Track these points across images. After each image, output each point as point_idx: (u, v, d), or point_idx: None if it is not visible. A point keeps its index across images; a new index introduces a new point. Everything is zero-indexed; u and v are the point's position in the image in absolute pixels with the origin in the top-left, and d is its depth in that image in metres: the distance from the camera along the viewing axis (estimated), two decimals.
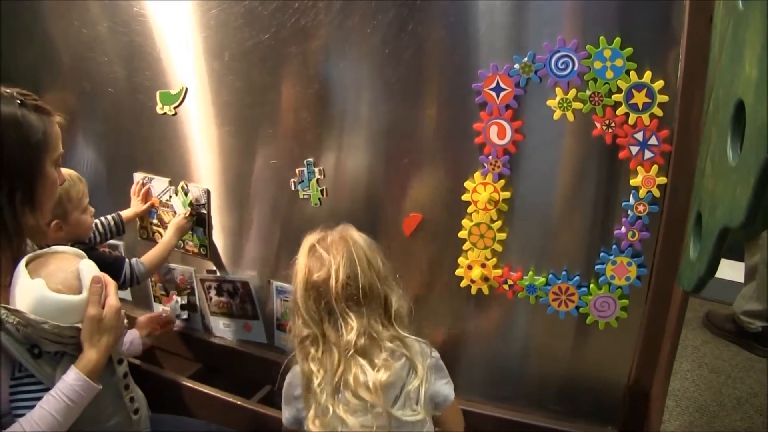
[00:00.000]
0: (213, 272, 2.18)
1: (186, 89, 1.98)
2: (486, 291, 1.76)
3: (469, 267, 1.75)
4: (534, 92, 1.55)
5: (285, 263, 2.03)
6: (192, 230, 2.13)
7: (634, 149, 1.50)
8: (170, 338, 2.25)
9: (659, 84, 1.43)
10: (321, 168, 1.86)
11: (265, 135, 1.92)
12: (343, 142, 1.82)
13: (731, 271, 2.81)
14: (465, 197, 1.69)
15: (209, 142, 2.01)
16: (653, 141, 1.48)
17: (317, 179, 1.87)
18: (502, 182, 1.65)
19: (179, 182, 2.11)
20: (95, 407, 1.31)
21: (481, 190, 1.66)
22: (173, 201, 2.14)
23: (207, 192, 2.07)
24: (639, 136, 1.48)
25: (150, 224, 2.22)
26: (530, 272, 1.71)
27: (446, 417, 1.47)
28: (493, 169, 1.64)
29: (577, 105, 1.51)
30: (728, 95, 0.85)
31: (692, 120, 1.39)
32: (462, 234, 1.73)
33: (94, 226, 1.91)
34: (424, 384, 1.34)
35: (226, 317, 2.25)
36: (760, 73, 0.71)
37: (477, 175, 1.66)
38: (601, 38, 1.44)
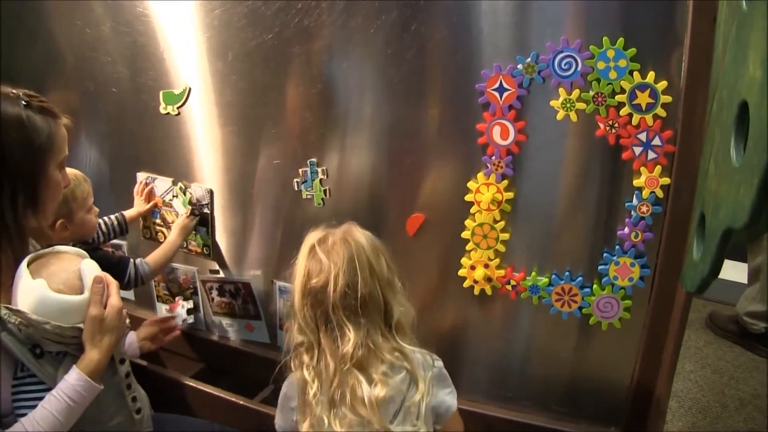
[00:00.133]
0: (216, 272, 2.19)
1: (189, 89, 1.98)
2: (489, 291, 1.76)
3: (472, 267, 1.75)
4: (537, 93, 1.55)
5: (288, 263, 2.03)
6: (195, 230, 2.13)
7: (638, 150, 1.50)
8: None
9: (662, 84, 1.43)
10: (324, 168, 1.86)
11: (269, 135, 1.92)
12: (347, 142, 1.82)
13: (734, 272, 2.81)
14: (468, 197, 1.69)
15: (212, 142, 2.01)
16: (656, 141, 1.47)
17: (320, 179, 1.87)
18: (505, 183, 1.64)
19: (184, 185, 2.12)
20: (97, 407, 1.31)
21: (484, 191, 1.66)
22: (174, 202, 2.15)
23: (210, 192, 2.07)
24: (642, 137, 1.48)
25: (153, 224, 2.23)
26: (533, 273, 1.71)
27: (447, 426, 1.40)
28: (496, 170, 1.64)
29: (581, 105, 1.51)
30: (732, 96, 0.85)
31: (696, 120, 1.39)
32: (465, 234, 1.73)
33: (98, 226, 1.91)
34: (426, 397, 1.28)
35: (229, 317, 2.25)
36: (764, 74, 0.71)
37: (480, 176, 1.66)
38: (605, 38, 1.43)
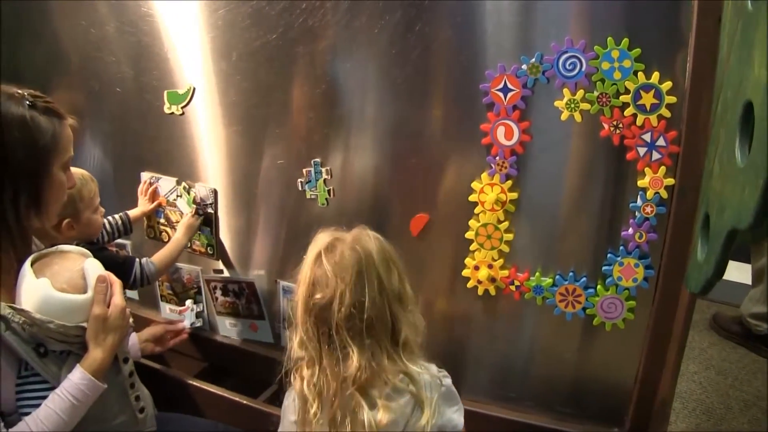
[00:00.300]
0: (220, 272, 2.19)
1: (193, 89, 1.98)
2: (493, 292, 1.76)
3: (476, 268, 1.75)
4: (541, 93, 1.55)
5: (292, 263, 2.02)
6: (199, 230, 2.13)
7: (642, 150, 1.49)
8: None
9: (667, 85, 1.42)
10: (328, 168, 1.86)
11: (273, 135, 1.92)
12: (351, 143, 1.82)
13: (739, 273, 2.80)
14: (472, 198, 1.69)
15: (216, 142, 2.02)
16: (661, 142, 1.47)
17: (324, 179, 1.87)
18: (510, 183, 1.64)
19: (187, 183, 2.12)
20: (101, 406, 1.31)
21: (489, 191, 1.66)
22: (178, 201, 2.15)
23: (214, 192, 2.08)
24: (647, 138, 1.48)
25: (157, 224, 2.23)
26: (537, 273, 1.71)
27: None
28: (501, 170, 1.63)
29: (585, 106, 1.51)
30: (737, 96, 0.85)
31: (700, 121, 1.38)
32: (469, 235, 1.73)
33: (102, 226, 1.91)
34: (432, 420, 1.21)
35: (232, 317, 2.25)
36: None
37: (484, 176, 1.66)
38: (609, 39, 1.43)
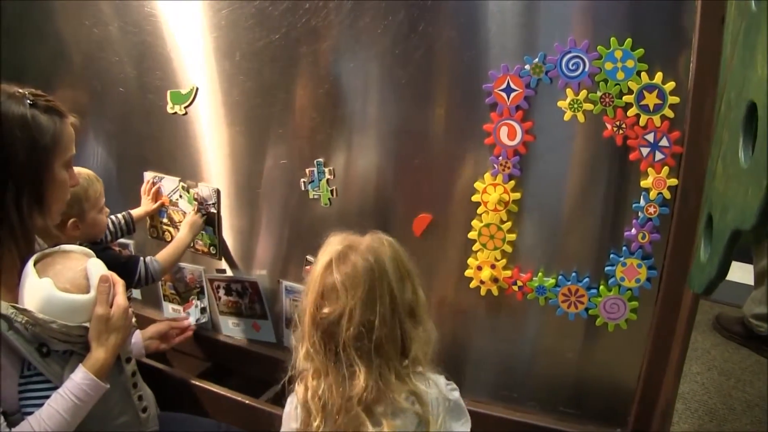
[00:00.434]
0: (223, 272, 2.19)
1: (196, 89, 1.98)
2: (495, 292, 1.75)
3: (479, 268, 1.75)
4: (544, 93, 1.55)
5: (295, 263, 2.05)
6: (202, 229, 2.13)
7: (645, 151, 1.49)
8: None
9: (670, 85, 1.42)
10: (331, 168, 1.86)
11: (276, 135, 1.92)
12: (354, 143, 1.82)
13: (742, 274, 2.79)
14: (475, 198, 1.69)
15: (219, 142, 2.02)
16: (664, 142, 1.47)
17: (327, 179, 1.87)
18: (512, 183, 1.64)
19: (186, 182, 2.12)
20: (103, 406, 1.32)
21: (491, 191, 1.66)
22: (179, 201, 2.15)
23: (217, 191, 2.08)
24: (650, 138, 1.48)
25: (160, 223, 2.23)
26: (540, 273, 1.71)
27: None
28: (503, 170, 1.63)
29: (588, 106, 1.50)
30: (740, 97, 0.85)
31: (703, 121, 1.38)
32: (472, 235, 1.72)
33: None
34: None
35: (235, 317, 2.25)
36: None
37: (487, 176, 1.66)
38: (612, 39, 1.43)
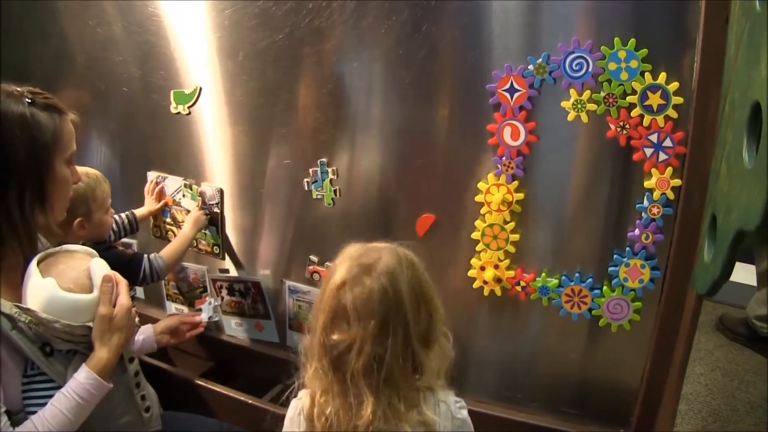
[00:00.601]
0: (226, 271, 2.19)
1: (200, 89, 1.99)
2: (498, 292, 1.75)
3: (482, 268, 1.75)
4: (548, 93, 1.54)
5: (298, 263, 2.05)
6: (205, 229, 2.13)
7: (649, 151, 1.49)
8: None
9: (674, 85, 1.42)
10: (334, 168, 1.86)
11: (279, 135, 1.93)
12: (357, 143, 1.83)
13: (746, 275, 2.78)
14: (478, 198, 1.69)
15: (223, 142, 2.02)
16: (668, 143, 1.47)
17: (331, 179, 1.87)
18: (516, 183, 1.64)
19: (189, 182, 2.12)
20: (106, 405, 1.32)
21: (495, 191, 1.66)
22: (183, 201, 2.15)
23: (220, 191, 2.08)
24: (653, 138, 1.48)
25: (163, 223, 2.24)
26: (543, 274, 1.70)
27: None
28: (507, 170, 1.63)
29: (591, 106, 1.50)
30: (744, 97, 0.85)
31: (707, 122, 1.38)
32: (475, 235, 1.72)
33: None
34: None
35: (238, 316, 2.26)
36: None
37: (490, 176, 1.66)
38: (616, 39, 1.43)
